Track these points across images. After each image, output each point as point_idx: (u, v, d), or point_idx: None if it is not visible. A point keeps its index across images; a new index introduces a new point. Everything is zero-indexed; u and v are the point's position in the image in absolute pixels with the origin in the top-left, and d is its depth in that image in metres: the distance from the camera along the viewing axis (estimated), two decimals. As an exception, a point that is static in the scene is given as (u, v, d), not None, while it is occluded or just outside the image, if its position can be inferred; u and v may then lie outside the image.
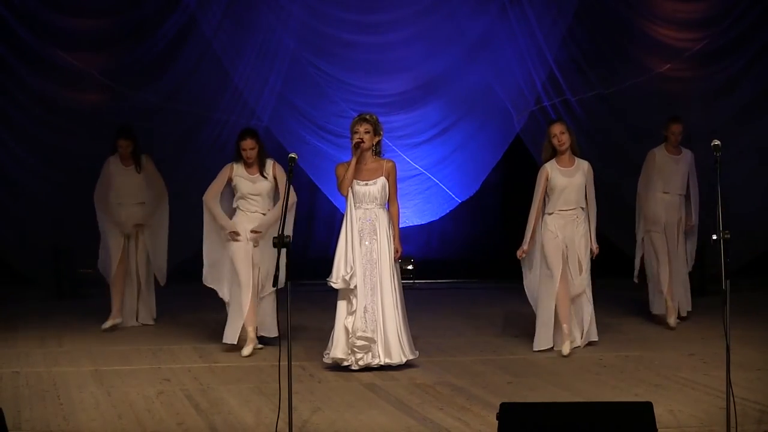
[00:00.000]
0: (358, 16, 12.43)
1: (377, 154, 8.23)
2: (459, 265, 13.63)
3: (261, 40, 12.11)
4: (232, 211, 8.89)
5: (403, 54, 12.63)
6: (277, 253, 5.94)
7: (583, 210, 8.86)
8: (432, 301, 11.97)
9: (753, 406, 6.80)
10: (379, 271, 8.06)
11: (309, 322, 9.98)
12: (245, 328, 8.72)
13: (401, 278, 8.35)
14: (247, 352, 8.62)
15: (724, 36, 12.47)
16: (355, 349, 7.98)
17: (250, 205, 8.80)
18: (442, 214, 13.18)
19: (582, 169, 8.84)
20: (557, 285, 8.69)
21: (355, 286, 7.99)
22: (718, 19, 12.50)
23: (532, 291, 9.01)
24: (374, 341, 8.00)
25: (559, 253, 8.73)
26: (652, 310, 10.23)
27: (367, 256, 8.07)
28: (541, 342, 8.83)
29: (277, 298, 8.78)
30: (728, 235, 5.96)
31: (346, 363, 8.02)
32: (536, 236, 8.90)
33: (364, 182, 8.13)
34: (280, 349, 5.96)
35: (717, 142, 6.38)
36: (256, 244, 8.74)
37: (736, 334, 6.93)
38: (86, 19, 12.01)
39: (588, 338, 8.93)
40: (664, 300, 9.99)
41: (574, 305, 8.86)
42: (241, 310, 8.70)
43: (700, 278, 11.34)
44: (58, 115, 12.05)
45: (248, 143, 8.79)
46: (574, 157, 8.87)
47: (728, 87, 12.65)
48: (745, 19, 12.43)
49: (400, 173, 8.73)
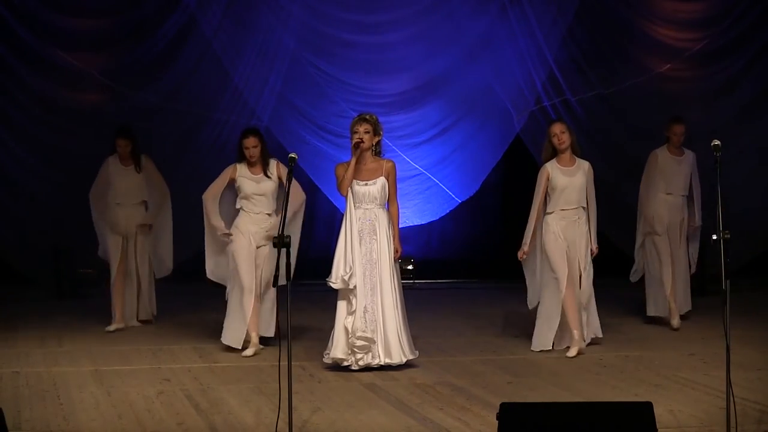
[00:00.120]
0: (358, 16, 12.43)
1: (377, 154, 8.22)
2: (459, 265, 13.63)
3: (261, 40, 12.11)
4: (235, 212, 8.83)
5: (403, 54, 12.63)
6: (277, 254, 5.95)
7: (584, 210, 8.84)
8: (432, 301, 11.97)
9: (753, 406, 6.80)
10: (379, 271, 8.05)
11: (309, 322, 9.98)
12: (248, 333, 8.70)
13: (401, 278, 8.35)
14: (249, 353, 8.61)
15: (724, 36, 12.47)
16: (355, 350, 7.97)
17: (254, 205, 8.74)
18: (442, 214, 13.18)
19: (583, 169, 8.82)
20: (563, 291, 8.65)
21: (355, 286, 7.99)
22: (718, 19, 12.49)
23: (534, 294, 8.99)
24: (374, 341, 8.00)
25: (563, 257, 8.68)
26: (649, 312, 10.20)
27: (366, 256, 8.06)
28: (540, 342, 8.81)
29: (277, 298, 8.81)
30: (728, 235, 5.96)
31: (346, 363, 8.02)
32: (537, 237, 8.89)
33: (364, 182, 8.12)
34: (280, 349, 5.97)
35: (717, 142, 6.38)
36: (259, 245, 8.71)
37: (736, 334, 6.93)
38: (86, 19, 12.01)
39: (593, 334, 8.91)
40: (668, 302, 9.96)
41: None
42: (244, 315, 8.67)
43: (700, 278, 11.33)
44: (58, 115, 12.05)
45: (251, 141, 8.75)
46: (575, 157, 8.86)
47: (728, 87, 12.65)
48: (745, 19, 12.43)
49: (400, 173, 8.72)
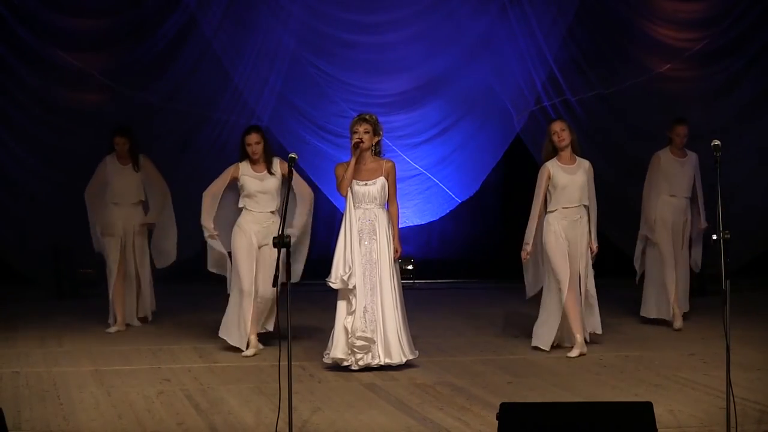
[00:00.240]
0: (358, 16, 12.43)
1: (377, 154, 8.22)
2: (459, 265, 13.63)
3: (261, 40, 12.11)
4: (237, 212, 8.80)
5: (403, 54, 12.63)
6: (277, 254, 5.95)
7: (586, 208, 8.82)
8: (432, 301, 11.97)
9: (753, 406, 6.80)
10: (379, 271, 8.05)
11: (309, 322, 9.98)
12: (249, 335, 8.70)
13: (401, 278, 8.35)
14: (249, 353, 8.62)
15: (724, 36, 12.46)
16: (355, 350, 7.97)
17: (257, 204, 8.70)
18: (442, 214, 13.18)
19: (583, 167, 8.81)
20: (565, 293, 8.62)
21: (354, 286, 7.99)
22: (718, 19, 12.49)
23: (531, 284, 8.99)
24: (374, 341, 7.99)
25: (565, 256, 8.65)
26: (649, 314, 10.14)
27: (366, 256, 8.06)
28: (541, 340, 8.79)
29: (277, 297, 8.79)
30: (728, 235, 5.96)
31: (346, 363, 8.02)
32: (538, 236, 8.86)
33: (364, 182, 8.11)
34: (280, 349, 5.96)
35: (717, 142, 6.37)
36: (261, 245, 8.69)
37: (736, 334, 6.94)
38: (86, 19, 12.01)
39: (592, 329, 8.90)
40: (670, 306, 9.94)
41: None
42: (243, 318, 8.66)
43: (700, 278, 11.32)
44: (58, 115, 12.05)
45: (253, 137, 8.72)
46: (575, 155, 8.85)
47: (728, 87, 12.64)
48: (745, 19, 12.43)
49: (400, 173, 8.72)
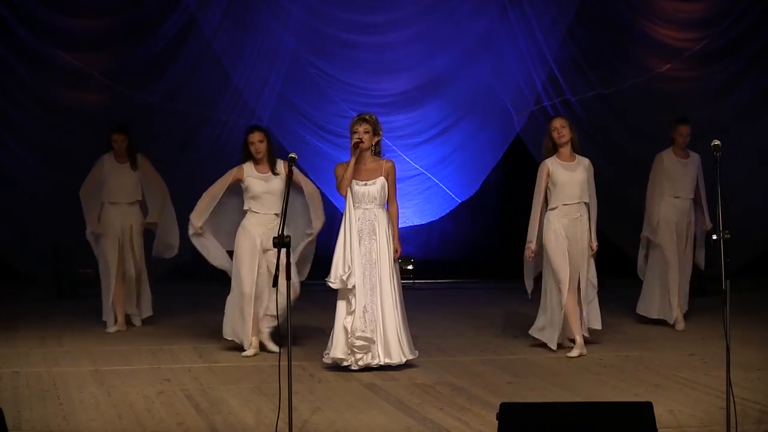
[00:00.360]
0: (358, 16, 12.43)
1: (376, 154, 8.22)
2: (459, 265, 13.63)
3: (261, 40, 12.11)
4: (242, 214, 8.74)
5: (403, 54, 12.63)
6: (277, 254, 5.94)
7: (586, 205, 8.81)
8: (432, 301, 11.97)
9: (753, 406, 6.80)
10: (379, 271, 8.04)
11: (309, 322, 9.97)
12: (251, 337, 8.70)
13: (401, 278, 8.35)
14: (250, 354, 8.62)
15: (724, 36, 12.46)
16: (355, 349, 7.97)
17: (262, 205, 8.63)
18: (442, 214, 13.18)
19: (583, 165, 8.80)
20: (565, 293, 8.60)
21: (354, 286, 7.99)
22: (718, 19, 12.49)
23: (531, 280, 9.00)
24: (373, 341, 7.99)
25: (565, 255, 8.64)
26: (646, 312, 10.12)
27: (366, 256, 8.06)
28: (548, 339, 8.76)
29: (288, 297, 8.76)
30: (728, 235, 5.96)
31: (345, 363, 8.01)
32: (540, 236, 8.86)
33: (364, 182, 8.11)
34: (280, 349, 5.96)
35: (717, 142, 6.37)
36: (266, 249, 8.64)
37: (736, 334, 6.94)
38: (86, 19, 12.01)
39: (590, 325, 8.88)
40: (672, 308, 9.91)
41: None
42: (244, 322, 8.64)
43: (700, 278, 11.32)
44: (58, 115, 12.05)
45: (256, 135, 8.68)
46: (575, 153, 8.84)
47: (728, 87, 12.64)
48: (745, 19, 12.43)
49: (400, 173, 8.71)
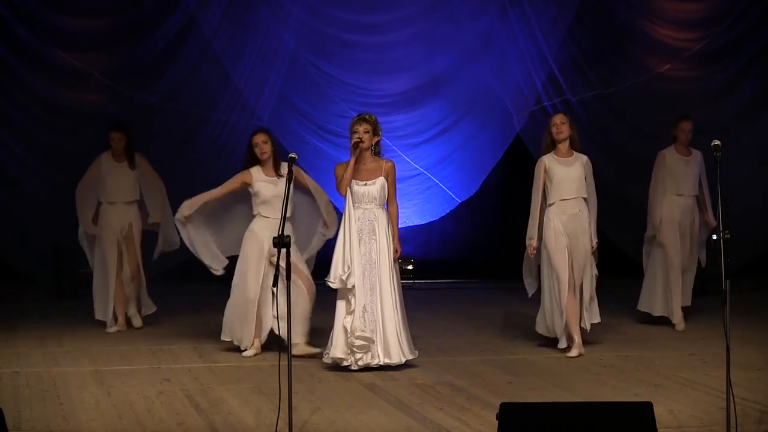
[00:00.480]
0: (358, 16, 12.43)
1: (376, 154, 8.22)
2: (459, 265, 13.63)
3: (261, 40, 12.11)
4: (251, 218, 8.69)
5: (403, 54, 12.63)
6: (277, 254, 5.94)
7: (585, 201, 8.79)
8: (432, 301, 11.97)
9: (753, 406, 6.80)
10: (378, 271, 8.04)
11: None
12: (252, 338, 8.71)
13: (401, 278, 8.35)
14: (250, 354, 8.62)
15: (724, 36, 12.46)
16: (354, 349, 7.97)
17: (272, 209, 8.56)
18: (442, 214, 13.18)
19: (581, 161, 8.79)
20: (565, 292, 8.58)
21: (353, 286, 7.99)
22: (718, 19, 12.49)
23: (531, 282, 8.99)
24: (373, 341, 7.99)
25: (564, 253, 8.62)
26: (650, 309, 10.13)
27: (366, 256, 8.05)
28: (558, 331, 8.72)
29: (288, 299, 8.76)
30: (728, 235, 5.96)
31: (345, 363, 8.02)
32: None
33: (363, 182, 8.11)
34: (280, 349, 5.96)
35: (717, 142, 6.37)
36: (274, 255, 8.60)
37: (736, 334, 6.94)
38: (86, 19, 12.00)
39: (590, 320, 8.86)
40: (673, 308, 9.91)
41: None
42: (248, 323, 8.64)
43: (700, 278, 11.32)
44: (58, 115, 12.04)
45: (260, 137, 8.68)
46: (573, 151, 8.84)
47: (728, 87, 12.64)
48: (745, 19, 12.42)
49: (400, 173, 8.71)
